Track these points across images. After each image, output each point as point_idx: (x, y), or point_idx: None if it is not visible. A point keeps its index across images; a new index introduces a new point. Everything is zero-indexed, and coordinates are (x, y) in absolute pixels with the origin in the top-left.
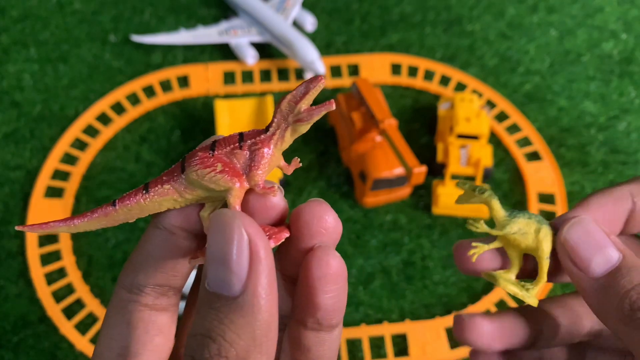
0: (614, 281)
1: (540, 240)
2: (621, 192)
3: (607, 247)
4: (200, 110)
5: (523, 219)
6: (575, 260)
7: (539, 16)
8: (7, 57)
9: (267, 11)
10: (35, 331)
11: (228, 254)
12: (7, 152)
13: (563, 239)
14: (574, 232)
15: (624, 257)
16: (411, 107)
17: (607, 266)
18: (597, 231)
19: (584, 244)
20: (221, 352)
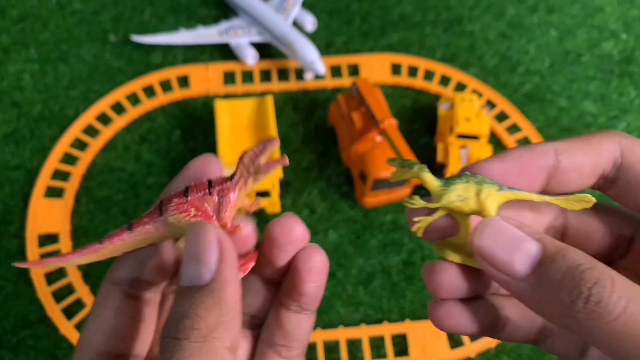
0: (543, 275)
1: (482, 201)
2: (544, 148)
3: (523, 242)
4: (200, 110)
5: (460, 184)
6: (497, 266)
7: (539, 16)
8: (7, 57)
9: (267, 11)
10: (35, 331)
11: (202, 250)
12: (7, 152)
13: (477, 247)
14: (485, 237)
15: (544, 246)
16: (411, 107)
17: (530, 261)
18: (508, 227)
19: (499, 247)
20: (194, 325)
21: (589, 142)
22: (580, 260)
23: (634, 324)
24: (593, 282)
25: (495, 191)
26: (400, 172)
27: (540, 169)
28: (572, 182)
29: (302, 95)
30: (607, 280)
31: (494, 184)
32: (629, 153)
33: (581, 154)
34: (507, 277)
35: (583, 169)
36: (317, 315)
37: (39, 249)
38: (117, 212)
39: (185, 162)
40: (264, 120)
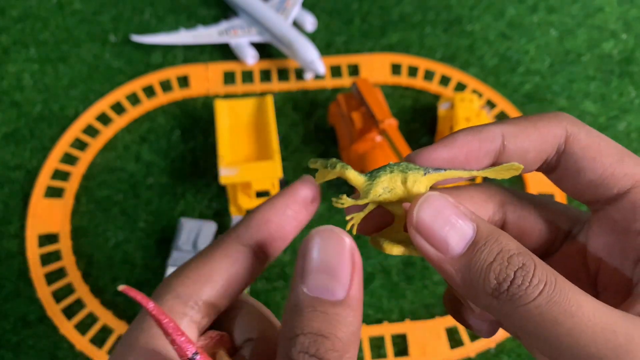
0: (474, 257)
1: (410, 189)
2: (492, 131)
3: (459, 221)
4: (200, 110)
5: (385, 176)
6: (432, 242)
7: (539, 16)
8: (7, 57)
9: (267, 11)
10: (35, 331)
11: (337, 262)
12: (7, 152)
13: (415, 222)
14: (423, 212)
15: (478, 228)
16: (411, 107)
17: (464, 241)
18: (447, 204)
19: (437, 223)
20: (334, 346)
21: (536, 125)
22: (511, 245)
23: (546, 307)
24: (518, 267)
25: (421, 176)
26: (324, 172)
27: (486, 154)
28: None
29: (302, 95)
30: (531, 264)
31: (419, 169)
32: (573, 140)
33: (527, 139)
34: (440, 255)
35: (527, 154)
36: None
37: (39, 249)
38: (117, 212)
39: (185, 162)
40: (264, 120)
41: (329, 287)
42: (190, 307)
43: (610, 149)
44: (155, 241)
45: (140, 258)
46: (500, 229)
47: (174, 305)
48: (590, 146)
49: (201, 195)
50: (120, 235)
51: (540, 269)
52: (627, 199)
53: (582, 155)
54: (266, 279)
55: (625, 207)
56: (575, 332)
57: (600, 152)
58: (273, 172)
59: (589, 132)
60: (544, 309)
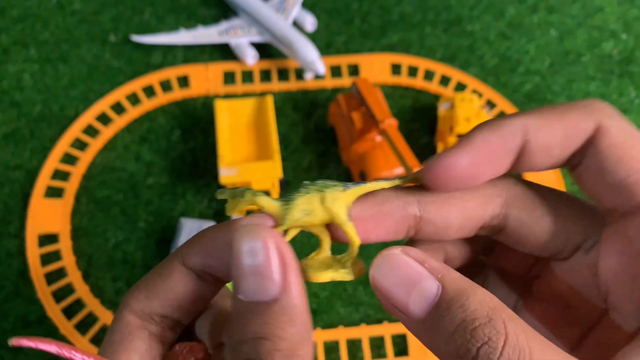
0: (437, 321)
1: (329, 208)
2: (513, 125)
3: (421, 281)
4: (200, 110)
5: (301, 198)
6: (393, 304)
7: (539, 16)
8: (7, 57)
9: (267, 11)
10: (35, 331)
11: (263, 262)
12: (7, 152)
13: (372, 282)
14: (381, 273)
15: (444, 287)
16: (411, 107)
17: (426, 304)
18: (407, 263)
19: (395, 285)
20: (276, 346)
21: (563, 118)
22: (478, 312)
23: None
24: (483, 342)
25: (340, 192)
26: (234, 203)
27: (506, 153)
28: (540, 163)
29: (302, 95)
30: (499, 339)
31: (338, 185)
32: (602, 135)
33: (552, 134)
34: (402, 315)
35: (552, 151)
36: (317, 315)
37: (39, 249)
38: (117, 212)
39: (185, 162)
40: (264, 120)
41: (262, 288)
42: (147, 321)
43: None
44: (155, 241)
45: (140, 258)
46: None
47: (130, 320)
48: (620, 145)
49: (201, 195)
50: (120, 235)
51: (511, 343)
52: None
53: (607, 154)
54: None
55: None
56: None
57: (629, 154)
58: (273, 172)
59: (622, 129)
60: None
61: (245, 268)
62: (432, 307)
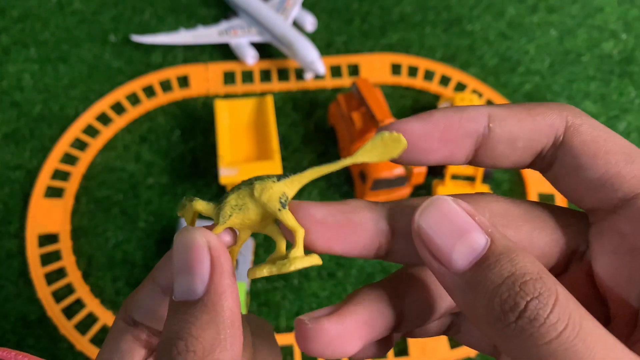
0: (481, 275)
1: (258, 199)
2: (476, 110)
3: (470, 232)
4: (200, 110)
5: (232, 195)
6: (433, 252)
7: (539, 16)
8: (7, 57)
9: (267, 11)
10: (35, 331)
11: (191, 260)
12: (7, 152)
13: (417, 226)
14: (428, 217)
15: (492, 242)
16: (411, 107)
17: (472, 256)
18: (458, 212)
19: (441, 231)
20: (188, 346)
21: (530, 112)
22: (528, 267)
23: (563, 354)
24: (533, 296)
25: (271, 183)
26: (184, 211)
27: (466, 136)
28: (504, 157)
29: (302, 95)
30: (550, 296)
31: (272, 177)
32: (573, 132)
33: (517, 124)
34: (443, 268)
35: (517, 142)
36: None
37: (39, 249)
38: (117, 212)
39: (185, 162)
40: (264, 120)
41: (190, 288)
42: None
43: (616, 146)
44: (155, 241)
45: (140, 258)
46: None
47: (119, 325)
48: (593, 140)
49: (201, 195)
50: (120, 235)
51: (562, 304)
52: (635, 206)
53: (582, 150)
54: (266, 279)
55: (631, 216)
56: None
57: (604, 148)
58: (273, 172)
59: (593, 125)
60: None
61: (176, 267)
62: (479, 259)
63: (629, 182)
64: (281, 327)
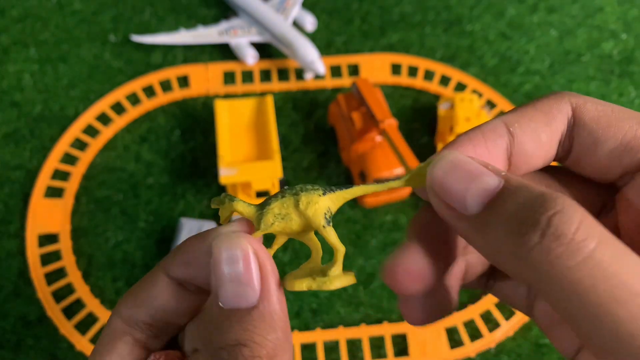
0: (496, 209)
1: (303, 212)
2: (493, 124)
3: (482, 175)
4: (200, 110)
5: (276, 202)
6: (446, 199)
7: (539, 16)
8: (7, 57)
9: (267, 11)
10: (35, 331)
11: (242, 269)
12: (7, 152)
13: (429, 179)
14: (439, 168)
15: (507, 181)
16: (411, 107)
17: (486, 195)
18: (467, 161)
19: (453, 178)
20: (254, 353)
21: (536, 107)
22: (546, 193)
23: (601, 274)
24: (554, 211)
25: (316, 196)
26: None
27: (498, 150)
28: (534, 155)
29: (302, 95)
30: (575, 213)
31: (317, 189)
32: (581, 111)
33: (533, 120)
34: (456, 213)
35: (539, 137)
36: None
37: (39, 249)
38: (117, 212)
39: (185, 162)
40: (264, 120)
41: (241, 295)
42: (131, 327)
43: (624, 113)
44: (155, 241)
45: (140, 258)
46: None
47: (117, 325)
48: (602, 114)
49: (201, 195)
50: (120, 235)
51: (589, 222)
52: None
53: (595, 125)
54: None
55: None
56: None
57: (615, 117)
58: (273, 172)
59: (596, 102)
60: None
61: (224, 276)
62: (493, 198)
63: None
64: None
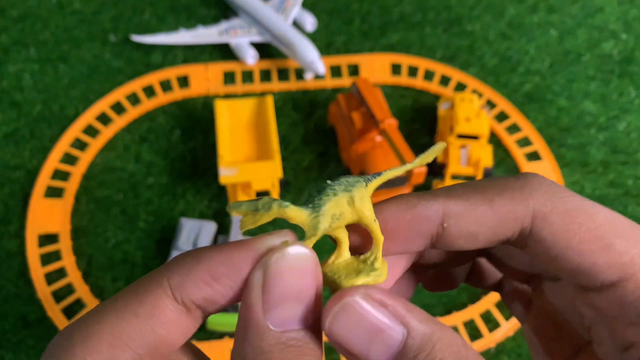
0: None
1: (358, 209)
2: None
3: (384, 330)
4: (200, 110)
5: (330, 202)
6: (350, 356)
7: (539, 16)
8: (7, 57)
9: (267, 11)
10: (35, 331)
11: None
12: (7, 152)
13: (328, 332)
14: (339, 325)
15: (409, 334)
16: (411, 107)
17: (389, 353)
18: (367, 313)
19: (354, 335)
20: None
21: (492, 203)
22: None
23: None
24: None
25: (364, 189)
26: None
27: (419, 236)
28: (463, 247)
29: (302, 95)
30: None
31: (360, 181)
32: (541, 223)
33: (475, 222)
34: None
35: (476, 237)
36: None
37: (39, 249)
38: (117, 212)
39: (185, 162)
40: (264, 120)
41: (297, 316)
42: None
43: (590, 232)
44: (155, 241)
45: (140, 258)
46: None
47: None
48: (565, 230)
49: (201, 195)
50: (120, 235)
51: None
52: (613, 292)
53: (553, 242)
54: None
55: (611, 299)
56: None
57: (578, 238)
58: (273, 172)
59: (563, 211)
60: None
61: (280, 294)
62: (396, 356)
63: (606, 272)
64: None
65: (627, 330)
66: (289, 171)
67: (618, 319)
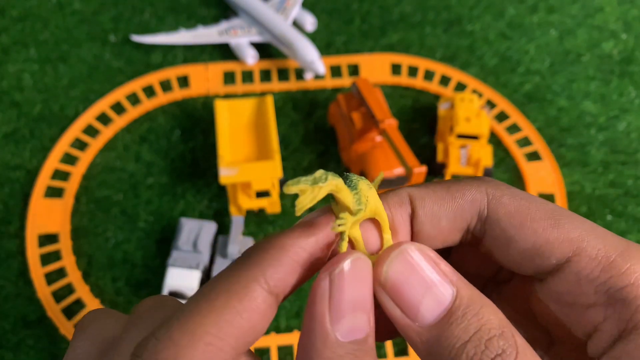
0: (448, 330)
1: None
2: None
3: (437, 284)
4: (200, 110)
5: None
6: (401, 305)
7: (539, 16)
8: (7, 57)
9: (267, 11)
10: (35, 331)
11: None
12: (7, 152)
13: (383, 279)
14: (396, 269)
15: (458, 293)
16: (411, 107)
17: (439, 309)
18: (424, 264)
19: (409, 284)
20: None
21: (450, 190)
22: (492, 322)
23: None
24: (497, 354)
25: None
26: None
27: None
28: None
29: (302, 95)
30: (512, 353)
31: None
32: (495, 204)
33: (437, 203)
34: (407, 321)
35: (440, 222)
36: None
37: (39, 249)
38: (117, 212)
39: (185, 162)
40: (264, 120)
41: (361, 326)
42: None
43: (540, 212)
44: (155, 241)
45: (140, 258)
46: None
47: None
48: (517, 210)
49: (201, 195)
50: (120, 235)
51: (522, 357)
52: (569, 270)
53: (508, 221)
54: None
55: (568, 279)
56: None
57: (529, 217)
58: (273, 172)
59: (514, 194)
60: None
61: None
62: (446, 313)
63: (558, 248)
64: (281, 327)
65: (587, 313)
66: (289, 171)
67: (577, 303)
